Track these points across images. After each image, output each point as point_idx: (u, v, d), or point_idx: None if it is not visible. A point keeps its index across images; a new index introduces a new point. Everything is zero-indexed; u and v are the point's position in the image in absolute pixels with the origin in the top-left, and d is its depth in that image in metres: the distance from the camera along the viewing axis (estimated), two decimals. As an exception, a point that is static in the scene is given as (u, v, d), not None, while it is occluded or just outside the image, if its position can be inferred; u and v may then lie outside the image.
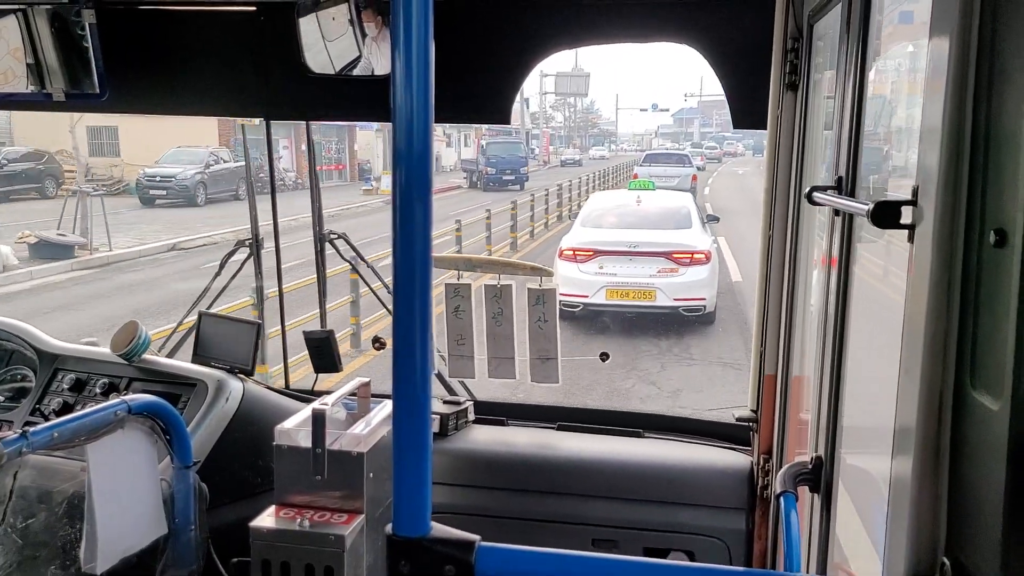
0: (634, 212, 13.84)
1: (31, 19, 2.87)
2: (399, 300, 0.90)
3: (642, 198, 14.44)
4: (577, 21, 2.93)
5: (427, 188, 0.88)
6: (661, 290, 11.72)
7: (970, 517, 1.00)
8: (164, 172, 29.45)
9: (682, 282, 11.76)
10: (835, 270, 1.79)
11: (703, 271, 11.87)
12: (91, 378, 3.08)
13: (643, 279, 11.79)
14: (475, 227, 18.73)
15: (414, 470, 0.93)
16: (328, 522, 2.24)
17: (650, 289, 11.75)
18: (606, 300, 11.77)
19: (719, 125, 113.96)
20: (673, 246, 12.03)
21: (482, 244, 18.28)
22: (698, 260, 11.90)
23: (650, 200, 14.45)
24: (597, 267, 11.91)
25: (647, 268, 11.84)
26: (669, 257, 11.88)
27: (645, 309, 11.87)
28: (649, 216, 13.58)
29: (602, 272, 11.86)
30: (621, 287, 11.79)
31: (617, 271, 11.87)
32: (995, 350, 0.94)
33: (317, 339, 3.34)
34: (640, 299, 11.81)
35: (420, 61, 0.85)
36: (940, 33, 1.08)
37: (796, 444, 2.43)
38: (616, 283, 11.79)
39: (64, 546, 2.32)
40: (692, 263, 11.86)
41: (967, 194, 1.03)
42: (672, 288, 11.71)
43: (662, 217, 13.43)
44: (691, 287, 11.75)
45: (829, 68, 2.20)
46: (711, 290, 11.98)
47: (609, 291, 11.77)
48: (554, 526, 2.85)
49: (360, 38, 2.83)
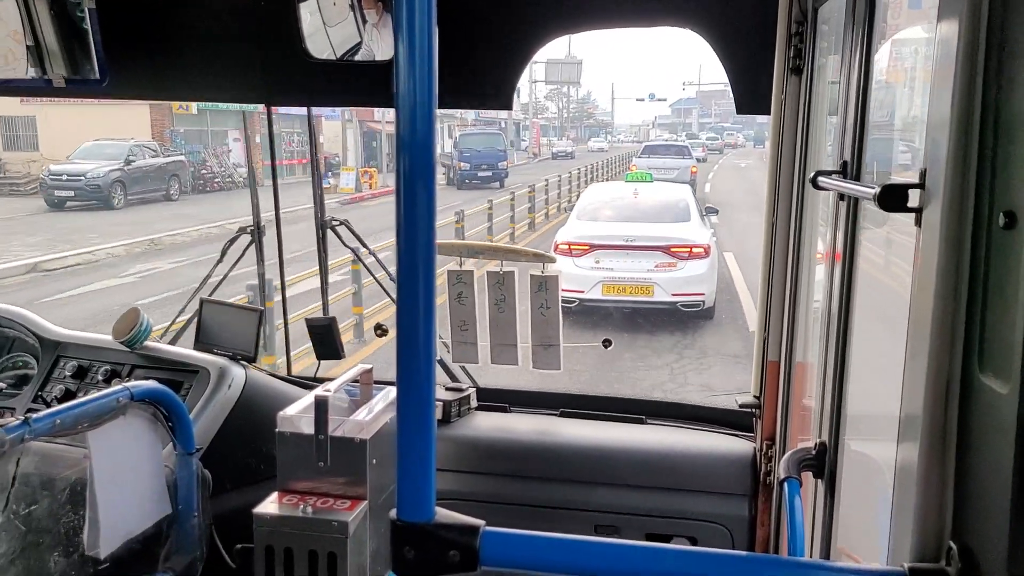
0: (631, 205, 13.54)
1: (31, 4, 2.85)
2: (403, 287, 0.89)
3: (639, 191, 14.14)
4: (579, 5, 2.91)
5: (431, 174, 0.88)
6: (659, 285, 11.49)
7: (977, 501, 1.00)
8: (72, 169, 25.19)
9: (681, 277, 11.53)
10: (839, 256, 1.78)
11: (702, 265, 11.65)
12: (93, 365, 3.08)
13: (640, 274, 11.56)
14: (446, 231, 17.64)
15: (418, 455, 0.93)
16: (331, 508, 2.24)
17: (648, 284, 11.52)
18: (602, 296, 11.50)
19: (718, 116, 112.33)
20: (671, 240, 11.79)
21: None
22: (697, 254, 11.66)
23: (647, 193, 14.11)
24: (593, 261, 11.66)
25: (644, 262, 11.61)
26: (667, 251, 11.66)
27: (643, 305, 11.65)
28: (646, 209, 13.26)
29: (598, 267, 11.61)
30: (618, 282, 11.56)
31: (614, 266, 11.63)
32: (1004, 333, 0.94)
33: (320, 326, 3.34)
34: (638, 294, 11.60)
35: (423, 47, 0.85)
36: (949, 15, 1.07)
37: (799, 431, 2.43)
38: (613, 278, 11.55)
39: (67, 532, 2.32)
40: (691, 257, 11.63)
41: (976, 176, 1.02)
42: (670, 283, 11.49)
43: (660, 210, 13.13)
44: (690, 282, 11.51)
45: (834, 52, 2.19)
46: (710, 285, 11.75)
47: (606, 286, 11.51)
48: (557, 512, 2.85)
49: (361, 23, 2.82)
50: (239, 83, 3.27)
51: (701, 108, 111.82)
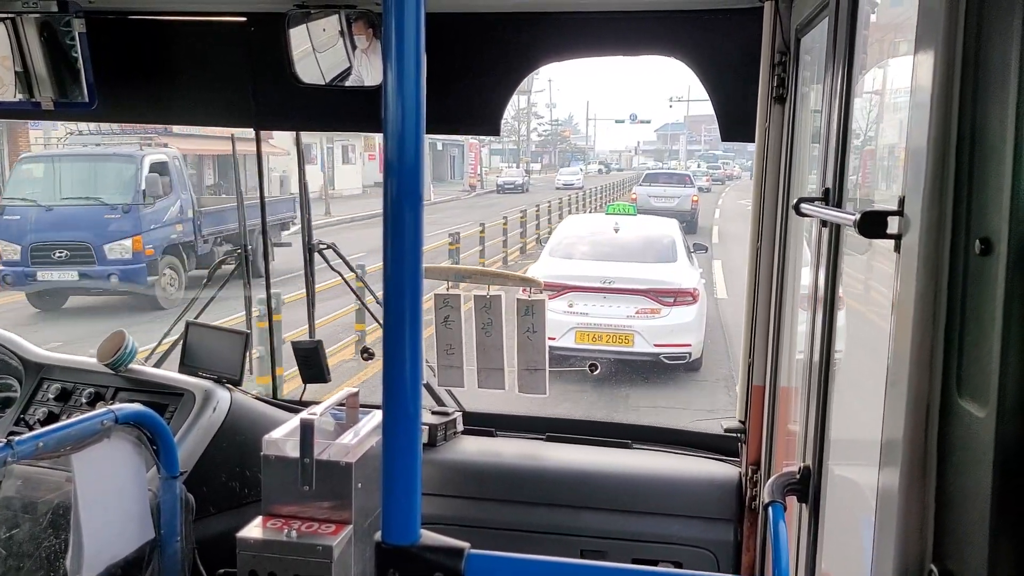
0: (611, 241, 11.86)
1: (20, 28, 2.86)
2: (389, 310, 0.90)
3: (620, 225, 12.25)
4: (566, 34, 2.95)
5: (418, 199, 0.89)
6: (640, 334, 10.17)
7: (957, 524, 1.01)
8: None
9: (664, 325, 10.21)
10: (822, 282, 1.80)
11: (689, 312, 10.30)
12: (77, 388, 3.06)
13: (619, 320, 10.23)
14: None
15: (403, 477, 0.93)
16: (316, 532, 2.23)
17: (627, 332, 10.20)
18: (575, 344, 10.11)
19: (708, 142, 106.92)
20: (654, 283, 10.44)
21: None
22: (683, 300, 10.33)
23: (629, 228, 12.32)
24: (566, 305, 10.18)
25: (624, 308, 10.26)
26: (650, 295, 10.31)
27: (621, 356, 10.36)
28: (628, 246, 11.71)
29: (571, 311, 10.18)
30: (594, 329, 10.24)
31: (589, 311, 10.25)
32: (981, 357, 0.95)
33: (305, 349, 3.33)
34: (615, 343, 10.23)
35: (411, 73, 0.86)
36: (926, 45, 1.09)
37: (784, 455, 2.44)
38: (588, 324, 10.21)
39: (48, 556, 2.29)
40: (676, 303, 10.28)
41: (953, 203, 1.04)
42: (653, 332, 10.17)
43: (643, 248, 11.70)
44: (674, 331, 10.19)
45: (816, 82, 2.22)
46: (698, 335, 10.44)
47: (580, 333, 10.18)
48: (543, 537, 2.84)
49: (351, 50, 2.84)
50: (228, 107, 3.28)
51: (690, 133, 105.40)
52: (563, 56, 3.01)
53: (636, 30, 2.88)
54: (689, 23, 2.83)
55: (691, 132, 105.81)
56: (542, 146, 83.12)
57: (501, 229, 21.07)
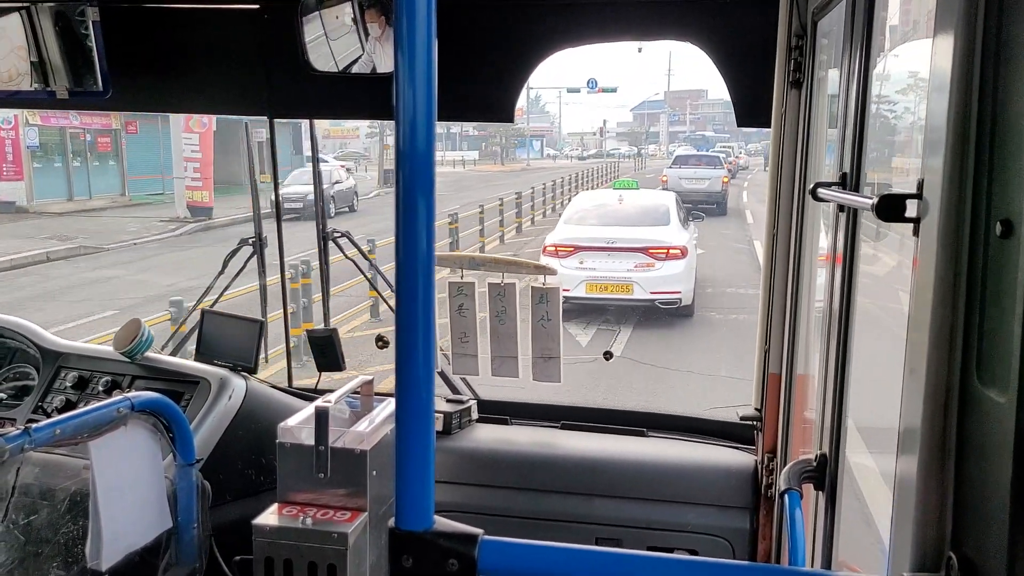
0: (615, 210, 14.47)
1: (35, 17, 2.87)
2: (402, 298, 0.90)
3: (624, 197, 15.15)
4: (579, 20, 2.92)
5: (430, 186, 0.89)
6: (638, 284, 12.34)
7: (977, 511, 0.99)
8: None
9: (658, 276, 12.38)
10: (839, 267, 1.78)
11: (678, 265, 12.48)
12: (94, 376, 3.08)
13: (621, 273, 12.42)
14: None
15: (417, 463, 0.93)
16: (331, 520, 2.24)
17: (627, 283, 12.38)
18: (586, 293, 12.33)
19: (694, 123, 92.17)
20: (649, 242, 12.65)
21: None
22: (674, 255, 12.51)
23: (631, 199, 15.16)
24: (578, 262, 12.48)
25: (625, 263, 12.48)
26: (646, 252, 12.50)
27: (623, 302, 12.53)
28: (628, 214, 14.19)
29: (582, 267, 12.43)
30: (600, 281, 12.42)
31: (596, 266, 12.50)
32: (1002, 342, 0.94)
33: (320, 337, 3.34)
34: (618, 292, 12.43)
35: (423, 60, 0.86)
36: (945, 25, 1.07)
37: (800, 443, 2.43)
38: (595, 277, 12.41)
39: (66, 543, 2.32)
40: (668, 258, 12.48)
41: (973, 185, 1.02)
42: (648, 282, 12.34)
43: (641, 214, 14.07)
44: (667, 281, 12.37)
45: (833, 66, 2.20)
46: (687, 284, 12.55)
47: (589, 285, 12.34)
48: (557, 524, 2.84)
49: (363, 37, 2.83)
50: (242, 95, 3.29)
51: (673, 112, 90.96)
52: (577, 42, 2.99)
53: (651, 15, 2.86)
54: (705, 7, 2.80)
55: (674, 110, 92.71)
56: (483, 129, 68.24)
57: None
